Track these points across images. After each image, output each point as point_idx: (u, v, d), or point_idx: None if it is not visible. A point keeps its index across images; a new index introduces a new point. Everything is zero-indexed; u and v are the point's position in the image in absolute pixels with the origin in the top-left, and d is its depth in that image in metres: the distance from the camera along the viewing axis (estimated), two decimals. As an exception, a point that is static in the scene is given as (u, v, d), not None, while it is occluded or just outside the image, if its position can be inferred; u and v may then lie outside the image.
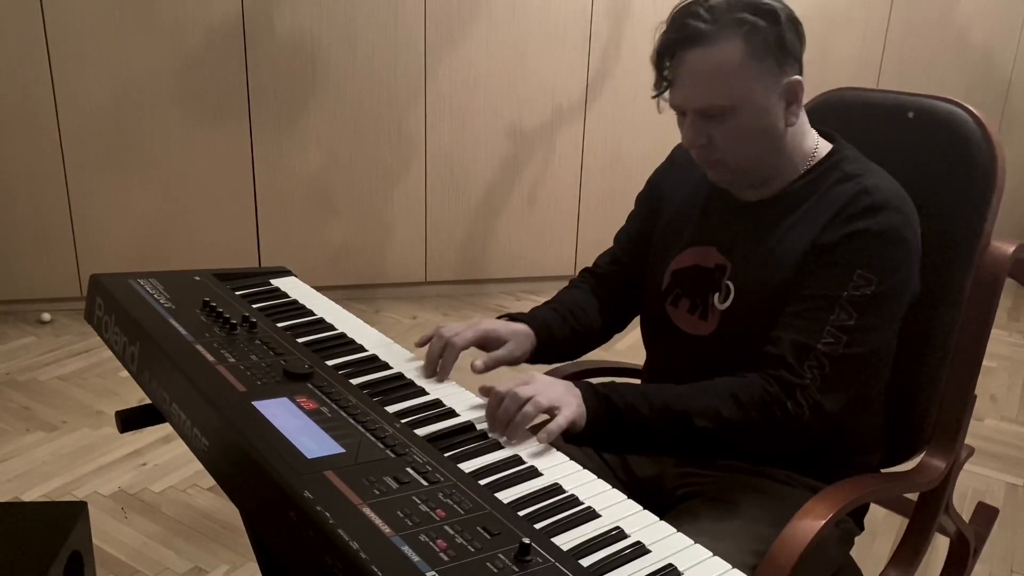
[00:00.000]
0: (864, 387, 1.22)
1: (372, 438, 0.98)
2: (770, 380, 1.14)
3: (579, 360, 1.55)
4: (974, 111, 1.32)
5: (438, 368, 1.22)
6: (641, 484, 1.35)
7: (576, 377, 1.54)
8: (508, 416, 1.06)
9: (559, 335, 1.38)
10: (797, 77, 1.18)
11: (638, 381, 1.50)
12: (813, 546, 1.07)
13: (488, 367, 1.25)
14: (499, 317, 1.37)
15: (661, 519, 0.93)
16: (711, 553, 0.87)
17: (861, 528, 1.36)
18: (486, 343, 1.29)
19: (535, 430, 1.08)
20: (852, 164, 1.23)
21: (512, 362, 1.31)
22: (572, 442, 1.13)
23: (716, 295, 1.27)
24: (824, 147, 1.27)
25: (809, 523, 1.10)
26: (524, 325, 1.34)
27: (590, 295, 1.46)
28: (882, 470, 1.38)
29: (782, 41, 1.16)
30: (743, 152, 1.20)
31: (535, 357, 1.36)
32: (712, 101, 1.16)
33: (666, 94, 1.22)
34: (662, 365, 1.41)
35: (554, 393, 1.10)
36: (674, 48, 1.17)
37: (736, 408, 1.13)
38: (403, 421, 1.04)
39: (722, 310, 1.26)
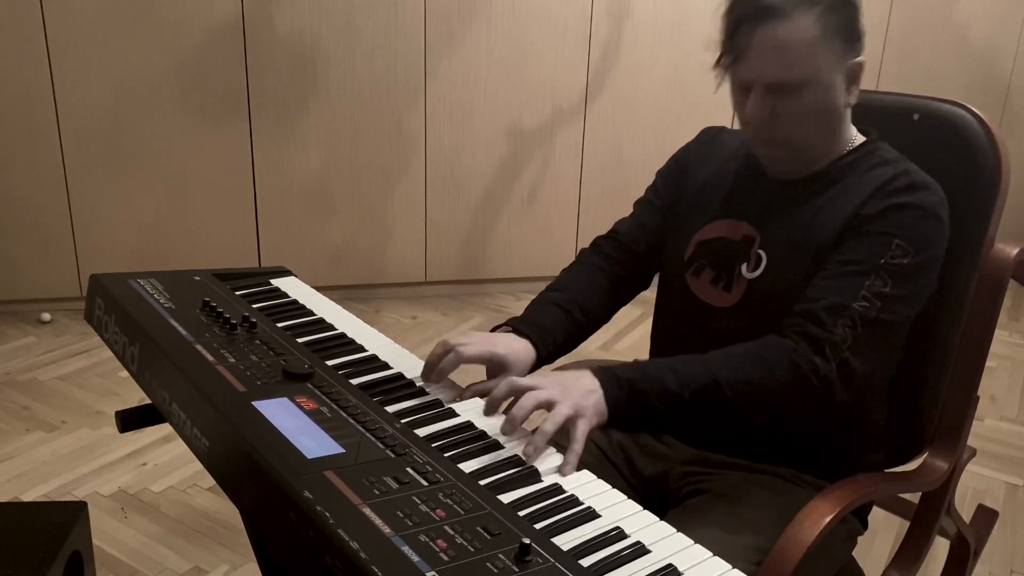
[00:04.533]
0: (886, 360, 1.23)
1: (372, 438, 0.97)
2: (796, 338, 1.14)
3: (580, 361, 1.55)
4: (979, 113, 1.32)
5: (433, 372, 1.19)
6: (646, 482, 1.35)
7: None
8: (523, 414, 1.04)
9: (561, 339, 1.36)
10: (861, 59, 1.22)
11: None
12: (817, 544, 1.07)
13: (469, 397, 1.18)
14: (504, 324, 1.34)
15: (665, 517, 0.93)
16: (711, 553, 0.87)
17: (865, 527, 1.36)
18: (488, 364, 1.25)
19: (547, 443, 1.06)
20: (889, 152, 1.27)
21: None
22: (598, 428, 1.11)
23: (744, 265, 1.27)
24: (860, 137, 1.30)
25: (813, 521, 1.10)
26: (527, 344, 1.30)
27: (597, 274, 1.43)
28: (884, 470, 1.38)
29: (852, 22, 1.19)
30: (805, 130, 1.21)
31: (535, 368, 1.32)
32: (784, 76, 1.17)
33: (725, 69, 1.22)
34: (674, 336, 1.40)
35: (572, 399, 1.07)
36: (747, 21, 1.17)
37: (764, 370, 1.12)
38: (403, 421, 1.04)
39: (750, 279, 1.26)
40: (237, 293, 1.38)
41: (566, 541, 0.86)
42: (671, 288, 1.38)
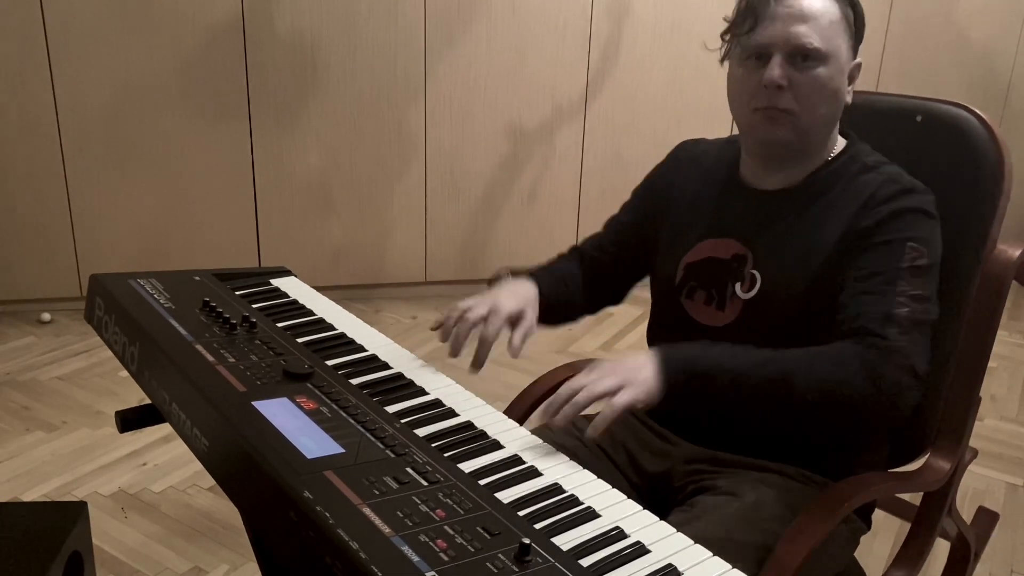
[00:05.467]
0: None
1: (372, 438, 0.97)
2: (866, 348, 1.12)
3: (583, 359, 1.55)
4: (981, 115, 1.32)
5: (465, 353, 1.22)
6: (649, 480, 1.35)
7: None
8: (558, 402, 1.05)
9: (553, 301, 1.39)
10: (860, 60, 1.27)
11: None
12: (820, 543, 1.07)
13: (520, 347, 1.24)
14: (499, 275, 1.36)
15: (669, 514, 0.93)
16: (711, 553, 0.87)
17: (868, 526, 1.36)
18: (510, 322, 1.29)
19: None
20: (870, 156, 1.29)
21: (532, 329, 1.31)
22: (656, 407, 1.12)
23: (738, 284, 1.27)
24: (841, 141, 1.31)
25: (817, 520, 1.10)
26: (531, 286, 1.36)
27: (578, 270, 1.48)
28: (887, 470, 1.38)
29: (861, 24, 1.26)
30: (816, 106, 1.22)
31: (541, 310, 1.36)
32: (810, 41, 1.19)
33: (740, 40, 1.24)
34: None
35: (616, 376, 1.07)
36: None
37: (841, 375, 1.11)
38: (403, 421, 1.04)
39: (746, 299, 1.26)
40: (237, 293, 1.38)
41: (566, 541, 0.86)
42: (665, 309, 1.39)
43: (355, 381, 1.13)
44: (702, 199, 1.37)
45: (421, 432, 1.03)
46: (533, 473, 0.98)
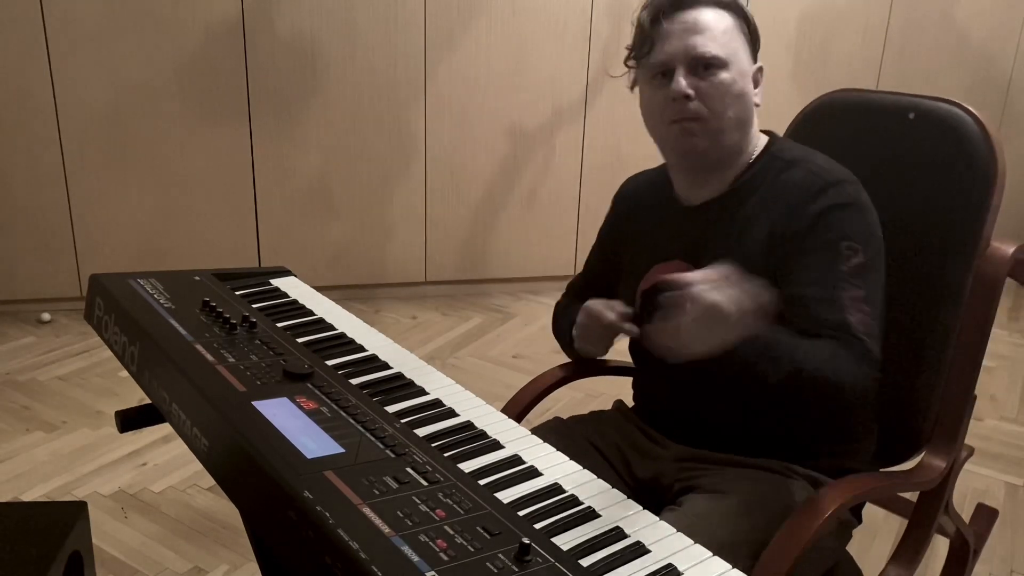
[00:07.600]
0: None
1: (372, 438, 0.98)
2: (841, 346, 1.14)
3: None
4: (974, 112, 1.32)
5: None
6: (641, 482, 1.36)
7: (569, 380, 1.53)
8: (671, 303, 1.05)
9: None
10: (760, 64, 1.30)
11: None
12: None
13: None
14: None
15: (659, 514, 0.93)
16: (711, 553, 0.87)
17: (859, 520, 1.36)
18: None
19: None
20: (791, 152, 1.30)
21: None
22: None
23: None
24: (762, 139, 1.33)
25: (810, 520, 1.10)
26: None
27: None
28: (881, 470, 1.38)
29: (755, 32, 1.30)
30: (724, 110, 1.25)
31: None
32: (708, 49, 1.23)
33: (643, 62, 1.29)
34: (649, 378, 1.46)
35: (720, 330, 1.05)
36: (667, 11, 1.26)
37: (830, 365, 1.13)
38: (403, 421, 1.04)
39: None
40: (237, 293, 1.38)
41: (566, 541, 0.86)
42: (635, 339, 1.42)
43: (355, 381, 1.13)
44: (645, 228, 1.41)
45: (421, 432, 1.03)
46: (533, 473, 0.98)
